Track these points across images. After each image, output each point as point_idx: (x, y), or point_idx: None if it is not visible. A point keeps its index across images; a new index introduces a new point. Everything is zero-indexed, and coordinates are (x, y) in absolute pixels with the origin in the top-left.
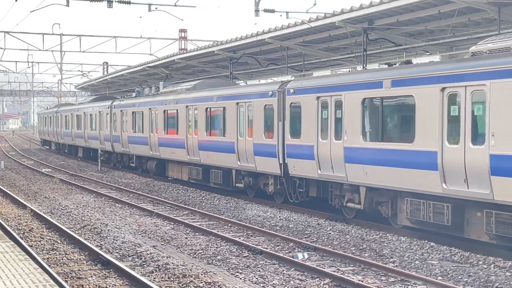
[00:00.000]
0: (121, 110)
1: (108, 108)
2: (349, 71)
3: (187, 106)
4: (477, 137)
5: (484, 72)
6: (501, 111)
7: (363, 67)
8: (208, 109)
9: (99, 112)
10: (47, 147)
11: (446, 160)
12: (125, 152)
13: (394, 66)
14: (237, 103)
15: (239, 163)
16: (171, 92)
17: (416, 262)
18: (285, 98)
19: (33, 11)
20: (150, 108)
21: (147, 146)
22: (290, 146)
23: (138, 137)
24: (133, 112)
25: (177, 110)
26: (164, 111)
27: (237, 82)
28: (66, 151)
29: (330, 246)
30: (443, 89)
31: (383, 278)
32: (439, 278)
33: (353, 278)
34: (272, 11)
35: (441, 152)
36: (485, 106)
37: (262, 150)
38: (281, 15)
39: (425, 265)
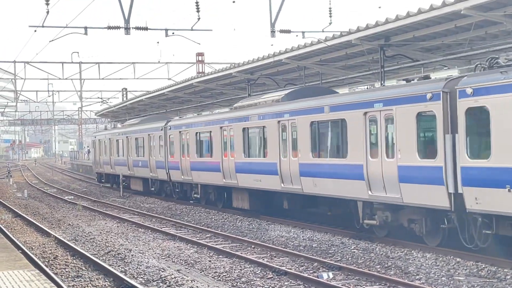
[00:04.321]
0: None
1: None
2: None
3: None
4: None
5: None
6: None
7: (381, 84)
8: None
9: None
10: (109, 185)
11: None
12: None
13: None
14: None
15: None
16: None
17: (443, 278)
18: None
19: (52, 40)
20: None
21: None
22: None
23: None
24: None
25: None
26: None
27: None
28: (195, 196)
29: (354, 264)
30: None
31: None
32: None
33: None
34: (288, 31)
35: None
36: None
37: None
38: (297, 35)
39: (452, 282)
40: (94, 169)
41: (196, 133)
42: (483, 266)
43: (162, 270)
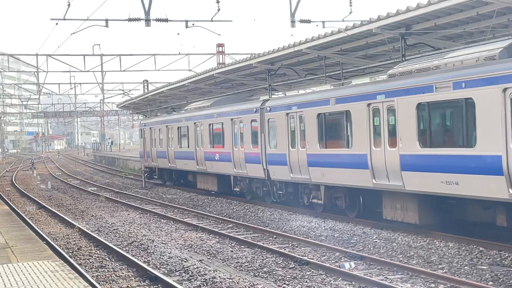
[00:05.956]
0: None
1: None
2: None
3: None
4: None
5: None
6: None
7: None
8: None
9: None
10: (161, 182)
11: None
12: None
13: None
14: None
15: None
16: None
17: (466, 267)
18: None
19: (73, 33)
20: None
21: None
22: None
23: None
24: None
25: None
26: None
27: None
28: (315, 200)
29: (377, 254)
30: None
31: (432, 285)
32: (490, 283)
33: (401, 286)
34: (308, 21)
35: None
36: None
37: None
38: (317, 25)
39: (475, 271)
40: (142, 163)
41: (318, 114)
42: (507, 255)
43: (185, 260)
